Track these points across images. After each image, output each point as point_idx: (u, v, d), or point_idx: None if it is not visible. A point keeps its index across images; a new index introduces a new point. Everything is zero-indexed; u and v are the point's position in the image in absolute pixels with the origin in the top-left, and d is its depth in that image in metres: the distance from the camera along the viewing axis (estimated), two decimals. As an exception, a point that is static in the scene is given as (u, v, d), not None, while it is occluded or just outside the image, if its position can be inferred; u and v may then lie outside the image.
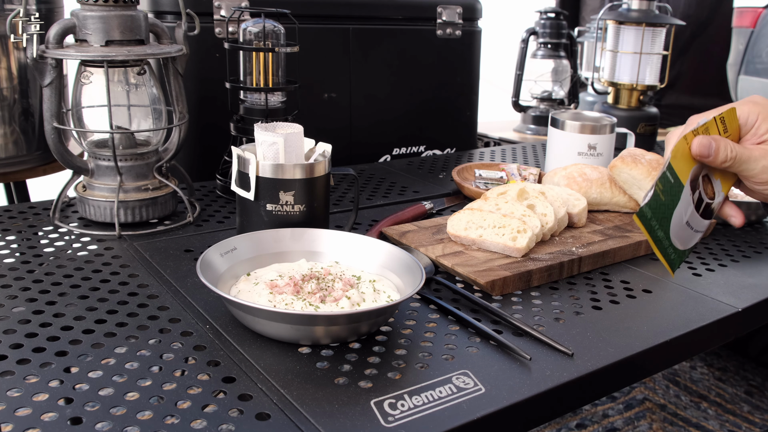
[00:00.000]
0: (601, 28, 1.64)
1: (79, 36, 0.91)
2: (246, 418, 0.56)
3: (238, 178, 0.85)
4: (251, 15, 1.17)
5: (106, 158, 0.96)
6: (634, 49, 1.58)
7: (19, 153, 1.22)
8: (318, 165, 0.84)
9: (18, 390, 0.58)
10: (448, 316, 0.75)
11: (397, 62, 1.49)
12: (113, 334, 0.68)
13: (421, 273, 0.71)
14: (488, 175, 1.23)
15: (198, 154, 1.27)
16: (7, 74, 1.18)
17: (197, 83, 1.24)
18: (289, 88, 1.11)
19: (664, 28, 1.57)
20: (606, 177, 1.06)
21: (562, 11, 2.08)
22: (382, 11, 1.45)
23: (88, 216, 0.98)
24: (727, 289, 0.85)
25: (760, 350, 1.98)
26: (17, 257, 0.86)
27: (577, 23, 2.89)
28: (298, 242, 0.81)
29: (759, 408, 1.81)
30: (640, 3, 1.56)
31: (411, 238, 0.92)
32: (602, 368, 0.66)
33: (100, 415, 0.55)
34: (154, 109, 1.01)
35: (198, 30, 1.00)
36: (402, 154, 1.55)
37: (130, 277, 0.82)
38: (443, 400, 0.59)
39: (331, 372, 0.62)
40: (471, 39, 1.59)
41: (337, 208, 1.11)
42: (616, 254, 0.92)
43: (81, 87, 0.97)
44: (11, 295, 0.76)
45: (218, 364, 0.63)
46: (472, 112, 1.66)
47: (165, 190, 1.00)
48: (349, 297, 0.69)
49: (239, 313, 0.68)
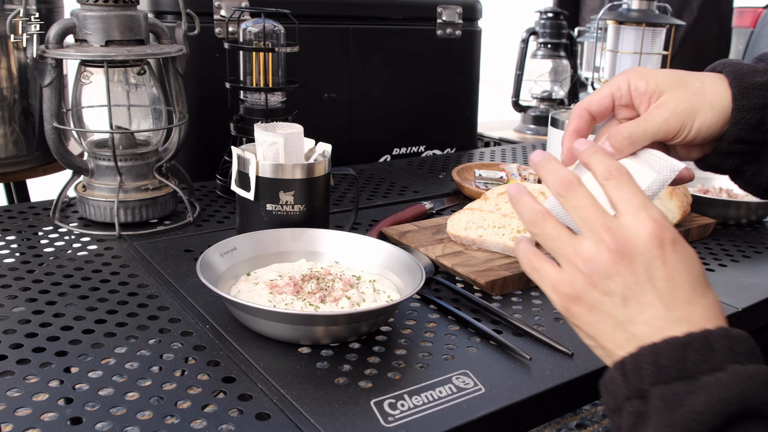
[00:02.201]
0: (601, 28, 1.64)
1: (79, 36, 0.91)
2: (246, 418, 0.56)
3: (238, 178, 0.85)
4: (251, 15, 1.17)
5: (106, 158, 0.96)
6: (634, 49, 1.58)
7: (19, 153, 1.22)
8: (318, 165, 0.84)
9: (18, 390, 0.58)
10: (448, 316, 0.75)
11: (397, 62, 1.49)
12: (113, 334, 0.68)
13: (421, 273, 0.71)
14: (488, 175, 1.23)
15: (198, 154, 1.27)
16: (7, 74, 1.18)
17: (197, 83, 1.24)
18: (289, 88, 1.11)
19: (664, 28, 1.57)
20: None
21: (562, 11, 2.08)
22: (382, 11, 1.45)
23: (88, 216, 0.98)
24: (727, 289, 0.85)
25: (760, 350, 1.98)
26: (17, 257, 0.86)
27: (577, 23, 2.88)
28: (298, 242, 0.81)
29: (759, 408, 1.81)
30: (640, 3, 1.56)
31: (411, 238, 0.92)
32: (602, 368, 0.66)
33: (100, 415, 0.55)
34: (154, 109, 1.01)
35: (198, 30, 1.00)
36: (402, 154, 1.55)
37: (130, 277, 0.82)
38: (443, 400, 0.59)
39: (331, 372, 0.62)
40: (471, 39, 1.59)
41: (337, 208, 1.11)
42: (616, 254, 0.92)
43: (81, 87, 0.97)
44: (11, 295, 0.76)
45: (218, 364, 0.63)
46: (472, 112, 1.66)
47: (165, 190, 1.00)
48: (349, 297, 0.69)
49: (239, 313, 0.68)
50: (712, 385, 0.43)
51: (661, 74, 0.60)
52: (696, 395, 0.43)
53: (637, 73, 0.61)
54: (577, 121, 0.61)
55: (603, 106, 0.62)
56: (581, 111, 0.61)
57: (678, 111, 0.58)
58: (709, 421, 0.42)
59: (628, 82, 0.61)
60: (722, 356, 0.45)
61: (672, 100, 0.59)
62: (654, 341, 0.47)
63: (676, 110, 0.58)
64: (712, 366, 0.44)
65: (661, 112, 0.59)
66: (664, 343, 0.46)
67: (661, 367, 0.45)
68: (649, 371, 0.46)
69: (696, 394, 0.43)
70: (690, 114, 0.59)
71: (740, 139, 0.59)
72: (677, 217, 0.99)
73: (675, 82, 0.59)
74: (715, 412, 0.42)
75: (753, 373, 0.43)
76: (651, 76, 0.60)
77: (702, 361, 0.45)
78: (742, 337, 0.46)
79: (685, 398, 0.43)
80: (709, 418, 0.42)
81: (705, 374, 0.44)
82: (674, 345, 0.46)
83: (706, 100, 0.59)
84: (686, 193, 1.02)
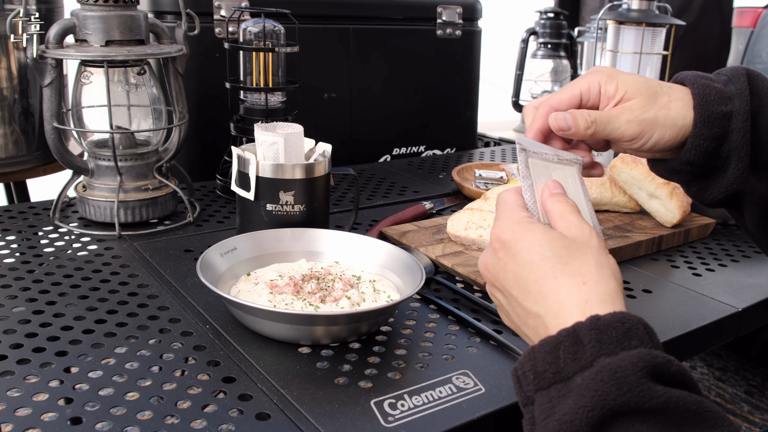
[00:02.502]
0: (601, 28, 1.64)
1: (79, 36, 0.91)
2: (246, 418, 0.56)
3: (238, 178, 0.85)
4: (251, 15, 1.17)
5: (106, 158, 0.96)
6: (634, 49, 1.58)
7: (19, 153, 1.22)
8: (318, 165, 0.84)
9: (18, 390, 0.58)
10: (448, 316, 0.75)
11: (397, 62, 1.49)
12: (113, 334, 0.68)
13: (421, 273, 0.71)
14: (488, 175, 1.23)
15: (198, 154, 1.27)
16: (7, 74, 1.17)
17: (197, 83, 1.24)
18: (289, 88, 1.11)
19: (664, 28, 1.57)
20: (606, 177, 1.06)
21: (562, 11, 2.08)
22: (382, 11, 1.45)
23: (88, 216, 0.98)
24: (727, 289, 0.85)
25: (760, 350, 1.98)
26: (17, 257, 0.86)
27: (577, 23, 2.88)
28: (298, 242, 0.81)
29: (759, 408, 1.81)
30: (640, 3, 1.56)
31: (411, 238, 0.92)
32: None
33: (100, 415, 0.55)
34: (154, 109, 1.01)
35: (198, 30, 1.00)
36: (402, 154, 1.55)
37: (130, 277, 0.82)
38: (443, 400, 0.59)
39: (331, 372, 0.62)
40: (471, 39, 1.59)
41: (337, 208, 1.11)
42: (616, 254, 0.92)
43: (81, 87, 0.97)
44: (11, 295, 0.76)
45: (218, 364, 0.63)
46: (472, 112, 1.66)
47: (165, 190, 1.00)
48: (349, 297, 0.69)
49: (239, 313, 0.68)
50: (579, 387, 0.43)
51: (631, 80, 0.60)
52: (566, 400, 0.43)
53: (608, 75, 0.61)
54: (543, 121, 0.61)
55: (571, 105, 0.62)
56: (548, 110, 0.61)
57: (641, 119, 0.59)
58: (577, 429, 0.41)
59: (599, 83, 0.61)
60: (591, 350, 0.44)
61: (638, 106, 0.59)
62: (533, 345, 0.47)
63: (640, 117, 0.59)
64: (581, 364, 0.44)
65: (625, 114, 0.59)
66: (540, 345, 0.46)
67: (538, 373, 0.45)
68: (530, 378, 0.46)
69: (566, 399, 0.43)
70: (652, 125, 0.59)
71: (692, 163, 0.60)
72: (677, 217, 0.99)
73: (644, 91, 0.60)
74: (581, 419, 0.41)
75: (616, 369, 0.42)
76: (622, 81, 0.60)
77: (572, 359, 0.44)
78: (612, 322, 0.45)
79: (558, 404, 0.43)
80: (577, 426, 0.41)
81: (576, 373, 0.44)
82: (547, 347, 0.46)
83: (670, 116, 0.59)
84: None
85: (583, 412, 0.41)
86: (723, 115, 0.58)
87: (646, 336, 0.45)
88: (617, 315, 0.45)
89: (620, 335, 0.44)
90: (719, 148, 0.59)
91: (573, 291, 0.48)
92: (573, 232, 0.52)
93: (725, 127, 0.59)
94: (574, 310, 0.48)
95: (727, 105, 0.59)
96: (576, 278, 0.49)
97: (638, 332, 0.45)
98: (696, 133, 0.59)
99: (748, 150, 0.58)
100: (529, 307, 0.51)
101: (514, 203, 0.56)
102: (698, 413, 0.41)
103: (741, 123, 0.58)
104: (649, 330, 0.46)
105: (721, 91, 0.59)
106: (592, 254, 0.50)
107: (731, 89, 0.60)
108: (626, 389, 0.41)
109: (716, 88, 0.59)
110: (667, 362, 0.43)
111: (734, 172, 0.59)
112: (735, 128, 0.58)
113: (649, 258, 0.95)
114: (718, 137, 0.59)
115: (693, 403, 0.41)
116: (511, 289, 0.52)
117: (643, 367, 0.42)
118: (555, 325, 0.48)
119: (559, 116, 0.59)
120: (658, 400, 0.41)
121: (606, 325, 0.45)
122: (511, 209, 0.55)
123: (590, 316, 0.46)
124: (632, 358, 0.42)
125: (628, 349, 0.43)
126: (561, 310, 0.48)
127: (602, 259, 0.50)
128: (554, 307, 0.49)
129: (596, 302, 0.48)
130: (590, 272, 0.49)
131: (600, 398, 0.41)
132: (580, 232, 0.52)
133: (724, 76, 0.61)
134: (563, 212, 0.53)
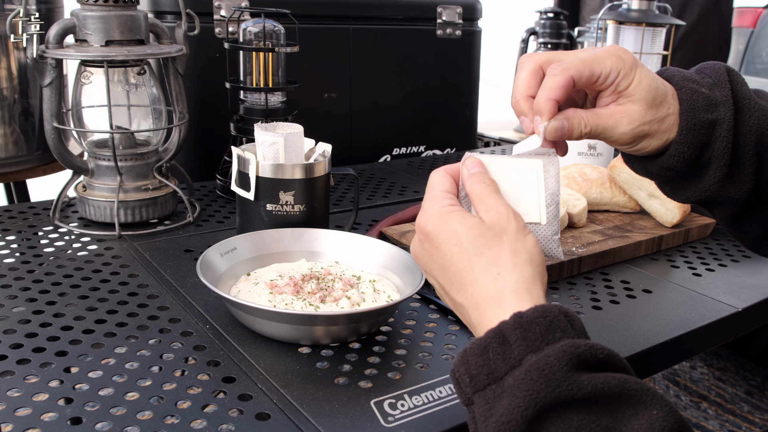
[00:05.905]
0: (601, 28, 1.64)
1: (79, 36, 0.91)
2: (246, 418, 0.56)
3: (238, 178, 0.85)
4: (251, 15, 1.17)
5: (106, 158, 0.96)
6: (634, 49, 1.58)
7: (19, 153, 1.22)
8: (318, 165, 0.84)
9: (18, 390, 0.58)
10: (448, 316, 0.75)
11: (397, 62, 1.49)
12: (113, 334, 0.68)
13: (421, 273, 0.71)
14: (488, 175, 1.23)
15: (198, 154, 1.27)
16: (7, 74, 1.17)
17: (197, 83, 1.24)
18: (289, 88, 1.11)
19: (664, 28, 1.57)
20: (606, 177, 1.06)
21: (561, 11, 2.08)
22: (382, 11, 1.45)
23: (88, 216, 0.98)
24: (727, 289, 0.85)
25: (760, 350, 1.98)
26: (17, 257, 0.86)
27: (577, 23, 2.88)
28: (298, 242, 0.81)
29: (759, 408, 1.81)
30: (640, 3, 1.56)
31: (411, 238, 0.92)
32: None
33: (100, 415, 0.55)
34: (154, 109, 1.01)
35: (198, 30, 1.00)
36: (402, 154, 1.55)
37: (130, 277, 0.82)
38: (443, 400, 0.59)
39: (331, 372, 0.62)
40: (471, 39, 1.59)
41: (337, 208, 1.11)
42: (616, 254, 0.92)
43: (81, 87, 0.97)
44: (11, 295, 0.76)
45: (218, 364, 0.63)
46: (472, 112, 1.66)
47: (165, 190, 1.00)
48: (349, 297, 0.69)
49: (239, 313, 0.68)
50: (511, 387, 0.44)
51: (645, 82, 0.58)
52: (501, 401, 0.44)
53: (630, 67, 0.58)
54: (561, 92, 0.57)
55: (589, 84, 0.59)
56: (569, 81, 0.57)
57: (637, 130, 0.59)
58: (514, 429, 0.42)
59: (619, 72, 0.58)
60: (518, 349, 0.45)
61: (637, 116, 0.59)
62: (465, 347, 0.48)
63: (634, 131, 0.59)
64: (511, 363, 0.45)
65: (621, 126, 0.59)
66: (471, 348, 0.47)
67: (473, 376, 0.46)
68: (466, 381, 0.47)
69: (501, 400, 0.44)
70: (643, 137, 0.59)
71: (671, 168, 0.60)
72: (677, 217, 0.99)
73: (650, 100, 0.59)
74: (517, 420, 0.42)
75: (543, 366, 0.43)
76: (637, 80, 0.58)
77: (501, 360, 0.46)
78: (534, 318, 0.46)
79: (494, 405, 0.44)
80: (514, 426, 0.42)
81: (508, 373, 0.45)
82: (477, 349, 0.47)
83: (661, 129, 0.59)
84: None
85: (517, 412, 0.42)
86: (709, 123, 0.58)
87: (568, 326, 0.46)
88: (539, 309, 0.47)
89: (543, 330, 0.46)
90: (701, 156, 0.59)
91: (488, 283, 0.50)
92: (491, 216, 0.52)
93: (709, 136, 0.58)
94: (491, 301, 0.49)
95: (713, 113, 0.58)
96: (491, 269, 0.50)
97: (560, 324, 0.46)
98: (680, 140, 0.59)
99: (728, 159, 0.58)
100: (454, 297, 0.53)
101: (438, 188, 0.56)
102: (623, 393, 0.43)
103: (725, 132, 0.58)
104: (570, 318, 0.47)
105: (708, 98, 0.59)
106: (507, 241, 0.51)
107: (717, 95, 0.59)
108: (555, 385, 0.42)
109: (703, 93, 0.59)
110: (590, 348, 0.44)
111: (710, 180, 0.59)
112: (718, 137, 0.58)
113: (649, 258, 0.95)
114: (701, 145, 0.59)
115: (617, 385, 0.43)
116: (438, 278, 0.54)
117: (568, 360, 0.43)
118: (476, 316, 0.50)
119: (557, 125, 0.59)
120: (585, 389, 0.42)
121: (529, 321, 0.46)
122: (434, 197, 0.55)
123: (514, 314, 0.47)
124: (557, 353, 0.44)
125: (552, 343, 0.45)
126: (479, 302, 0.50)
127: (518, 245, 0.51)
128: (473, 299, 0.51)
129: (510, 292, 0.49)
130: (504, 261, 0.50)
131: (532, 397, 0.42)
132: (497, 216, 0.52)
133: (709, 78, 0.61)
134: (481, 194, 0.54)
